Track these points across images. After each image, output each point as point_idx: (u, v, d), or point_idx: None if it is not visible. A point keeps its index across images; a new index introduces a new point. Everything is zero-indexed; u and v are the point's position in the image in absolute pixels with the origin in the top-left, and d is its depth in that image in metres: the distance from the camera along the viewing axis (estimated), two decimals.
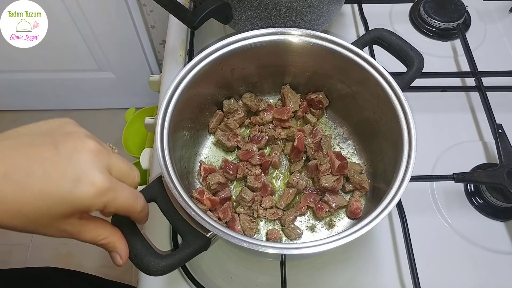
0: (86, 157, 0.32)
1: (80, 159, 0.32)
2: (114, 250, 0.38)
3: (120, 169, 0.35)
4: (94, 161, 0.32)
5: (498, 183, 0.57)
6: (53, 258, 1.41)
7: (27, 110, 1.68)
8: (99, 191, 0.32)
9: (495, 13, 0.83)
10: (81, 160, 0.32)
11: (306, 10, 0.63)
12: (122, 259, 0.38)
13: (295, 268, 0.55)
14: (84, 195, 0.31)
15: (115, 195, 0.33)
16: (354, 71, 0.54)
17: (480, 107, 0.67)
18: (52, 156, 0.31)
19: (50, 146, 0.31)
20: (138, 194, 0.37)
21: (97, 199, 0.32)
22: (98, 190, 0.32)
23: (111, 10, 1.18)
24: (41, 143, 0.32)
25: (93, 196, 0.31)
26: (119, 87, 1.54)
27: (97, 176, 0.32)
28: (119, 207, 0.34)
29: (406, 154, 0.47)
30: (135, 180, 0.37)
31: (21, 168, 0.30)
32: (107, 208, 0.33)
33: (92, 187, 0.31)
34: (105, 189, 0.32)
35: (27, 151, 0.31)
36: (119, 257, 0.38)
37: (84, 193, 0.31)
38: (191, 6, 0.79)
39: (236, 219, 0.54)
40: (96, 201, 0.32)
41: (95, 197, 0.31)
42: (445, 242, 0.58)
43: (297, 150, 0.58)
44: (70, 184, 0.31)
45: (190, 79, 0.52)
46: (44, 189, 0.30)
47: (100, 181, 0.32)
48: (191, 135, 0.59)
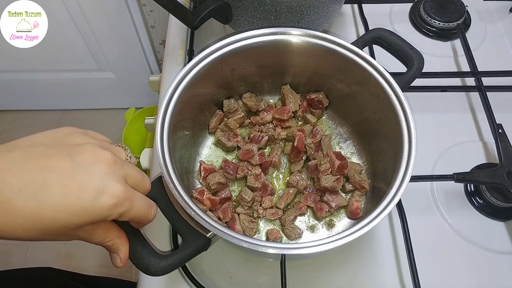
0: (104, 168, 0.32)
1: (98, 170, 0.32)
2: (116, 252, 0.38)
3: (134, 177, 0.35)
4: (111, 172, 0.32)
5: (498, 183, 0.57)
6: (53, 258, 1.41)
7: (27, 110, 1.68)
8: (119, 202, 0.32)
9: (495, 13, 0.83)
10: (99, 172, 0.32)
11: (306, 10, 0.63)
12: (122, 262, 0.38)
13: (295, 268, 0.55)
14: (105, 206, 0.31)
15: (132, 204, 0.33)
16: (354, 71, 0.54)
17: (480, 107, 0.67)
18: (68, 168, 0.31)
19: (65, 157, 0.31)
20: (152, 204, 0.38)
21: (116, 210, 0.32)
22: (118, 201, 0.32)
23: (111, 10, 1.18)
24: (54, 154, 0.31)
25: (112, 207, 0.32)
26: (119, 87, 1.54)
27: (117, 187, 0.32)
28: (134, 216, 0.35)
29: (406, 154, 0.47)
30: (147, 188, 0.38)
31: (36, 182, 0.29)
32: (122, 218, 0.34)
33: (113, 198, 0.31)
34: (124, 199, 0.32)
35: (41, 162, 0.30)
36: (119, 260, 0.38)
37: (105, 204, 0.31)
38: (191, 6, 0.79)
39: (236, 219, 0.54)
40: (114, 211, 0.32)
41: (114, 208, 0.32)
42: (445, 242, 0.58)
43: (297, 150, 0.58)
44: (91, 196, 0.31)
45: (190, 79, 0.52)
46: (63, 202, 0.30)
47: (120, 192, 0.32)
48: (191, 135, 0.59)
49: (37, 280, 0.76)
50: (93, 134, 0.37)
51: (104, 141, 0.37)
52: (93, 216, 0.31)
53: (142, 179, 0.37)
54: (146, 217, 0.36)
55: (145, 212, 0.36)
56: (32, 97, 1.60)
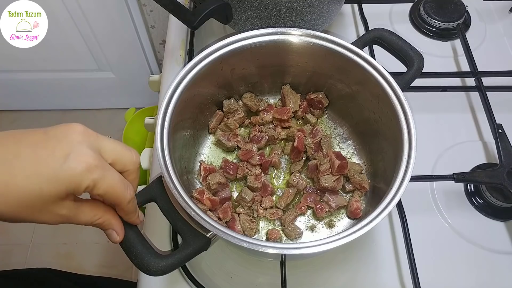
0: (75, 137, 0.33)
1: (69, 138, 0.32)
2: (111, 227, 0.38)
3: (112, 148, 0.35)
4: (83, 140, 0.33)
5: (498, 183, 0.57)
6: (53, 258, 1.41)
7: (27, 110, 1.68)
8: (88, 167, 0.32)
9: (495, 13, 0.83)
10: (70, 140, 0.32)
11: (306, 10, 0.63)
12: (119, 235, 0.38)
13: (295, 268, 0.55)
14: (74, 171, 0.31)
15: (103, 173, 0.33)
16: (354, 71, 0.54)
17: (480, 107, 0.67)
18: (40, 139, 0.32)
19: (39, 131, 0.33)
20: (128, 183, 0.36)
21: (86, 175, 0.32)
22: (87, 166, 0.32)
23: (111, 10, 1.18)
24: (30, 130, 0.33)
25: (82, 171, 0.31)
26: (119, 87, 1.54)
27: (87, 152, 0.32)
28: (108, 188, 0.33)
29: (406, 154, 0.47)
30: (133, 159, 0.37)
31: (9, 152, 0.31)
32: (96, 188, 0.33)
33: (82, 163, 0.31)
34: (94, 166, 0.32)
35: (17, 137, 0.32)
36: (116, 234, 0.38)
37: (74, 169, 0.31)
38: (191, 6, 0.79)
39: (236, 219, 0.54)
40: (85, 177, 0.32)
41: (84, 173, 0.31)
42: (445, 242, 0.58)
43: (297, 150, 0.58)
44: (60, 161, 0.31)
45: (190, 79, 0.52)
46: (34, 170, 0.30)
47: (89, 157, 0.32)
48: (191, 135, 0.59)
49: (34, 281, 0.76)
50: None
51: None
52: (64, 183, 0.31)
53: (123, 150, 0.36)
54: (123, 193, 0.35)
55: (121, 188, 0.35)
56: (32, 97, 1.60)
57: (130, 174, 0.37)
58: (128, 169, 0.36)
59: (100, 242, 1.41)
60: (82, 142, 0.33)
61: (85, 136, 0.33)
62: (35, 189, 0.30)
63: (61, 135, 0.33)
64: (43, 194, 0.31)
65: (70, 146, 0.32)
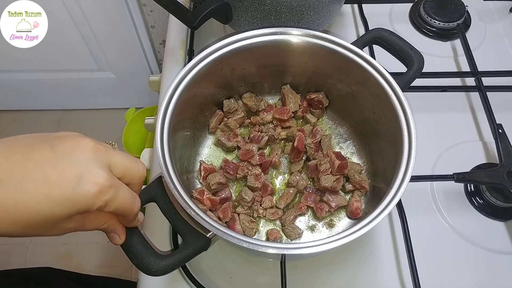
0: (85, 155, 0.31)
1: (79, 157, 0.31)
2: (113, 231, 0.38)
3: (122, 164, 0.34)
4: (94, 158, 0.32)
5: (498, 183, 0.57)
6: (53, 258, 1.41)
7: (27, 110, 1.68)
8: (102, 189, 0.31)
9: (495, 13, 0.83)
10: (80, 159, 0.31)
11: (306, 10, 0.63)
12: (121, 238, 0.38)
13: (295, 268, 0.55)
14: (87, 194, 0.30)
15: (116, 193, 0.32)
16: (354, 71, 0.54)
17: (480, 107, 0.67)
18: (49, 157, 0.30)
19: (46, 147, 0.31)
20: (135, 196, 0.37)
21: (99, 198, 0.31)
22: (101, 188, 0.31)
23: (111, 10, 1.18)
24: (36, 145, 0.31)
25: (96, 194, 0.31)
26: (119, 87, 1.54)
27: (99, 173, 0.31)
28: (118, 206, 0.33)
29: (406, 154, 0.47)
30: (141, 173, 0.36)
31: (18, 173, 0.29)
32: (107, 207, 0.33)
33: (95, 185, 0.31)
34: (107, 187, 0.31)
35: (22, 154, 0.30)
36: (118, 237, 0.38)
37: (87, 192, 0.30)
38: (191, 6, 0.79)
39: (236, 219, 0.54)
40: (98, 199, 0.31)
41: (97, 195, 0.31)
42: (445, 242, 0.58)
43: (297, 150, 0.58)
44: (72, 184, 0.30)
45: (190, 79, 0.52)
46: (45, 193, 0.29)
47: (102, 178, 0.31)
48: (191, 135, 0.59)
49: (36, 280, 0.76)
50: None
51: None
52: (78, 205, 0.30)
53: (132, 165, 0.35)
54: (131, 208, 0.35)
55: (130, 203, 0.35)
56: (32, 97, 1.60)
57: (135, 186, 0.37)
58: (134, 182, 0.36)
59: (100, 242, 1.41)
60: (92, 161, 0.31)
61: (95, 154, 0.32)
62: (46, 212, 0.29)
63: (70, 152, 0.31)
64: (55, 216, 0.30)
65: (81, 166, 0.31)
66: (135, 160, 0.36)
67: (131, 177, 0.35)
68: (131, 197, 0.35)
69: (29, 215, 0.29)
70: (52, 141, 0.31)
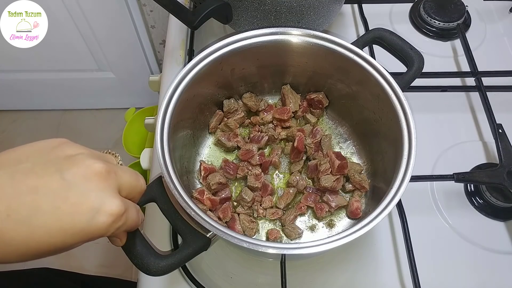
0: (98, 184, 0.30)
1: (92, 187, 0.30)
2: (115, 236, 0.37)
3: (129, 184, 0.34)
4: (106, 186, 0.31)
5: (498, 183, 0.57)
6: (53, 258, 1.39)
7: (27, 110, 1.68)
8: (115, 219, 0.31)
9: (495, 13, 0.83)
10: (93, 188, 0.30)
11: (306, 10, 0.63)
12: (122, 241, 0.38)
13: (295, 268, 0.55)
14: (102, 226, 0.30)
15: (127, 217, 0.32)
16: (354, 71, 0.54)
17: (480, 107, 0.67)
18: (59, 187, 0.28)
19: (54, 175, 0.29)
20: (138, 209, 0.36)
21: (114, 226, 0.31)
22: (115, 218, 0.30)
23: (111, 10, 1.18)
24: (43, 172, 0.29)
25: (110, 224, 0.30)
26: (119, 87, 1.54)
27: (113, 203, 0.30)
28: (128, 227, 0.34)
29: (406, 154, 0.47)
30: (142, 188, 0.36)
31: (26, 206, 0.27)
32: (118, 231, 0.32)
33: (110, 216, 0.30)
34: (120, 216, 0.31)
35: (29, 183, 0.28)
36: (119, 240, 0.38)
37: (102, 224, 0.30)
38: (191, 6, 0.79)
39: (236, 219, 0.54)
40: (111, 228, 0.31)
41: (112, 225, 0.31)
42: (445, 242, 0.58)
43: (297, 150, 0.58)
44: (87, 217, 0.29)
45: (190, 79, 0.52)
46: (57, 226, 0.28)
47: (117, 209, 0.30)
48: (191, 135, 0.59)
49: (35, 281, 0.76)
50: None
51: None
52: (91, 235, 0.30)
53: (136, 183, 0.35)
54: (137, 224, 0.36)
55: (137, 220, 0.35)
56: (32, 97, 1.60)
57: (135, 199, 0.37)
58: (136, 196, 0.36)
59: (100, 242, 1.40)
60: (105, 190, 0.30)
61: (107, 181, 0.31)
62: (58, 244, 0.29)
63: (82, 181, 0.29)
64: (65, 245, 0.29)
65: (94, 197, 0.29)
66: (137, 176, 0.36)
67: (134, 194, 0.35)
68: (137, 215, 0.35)
69: (39, 247, 0.28)
70: (60, 165, 0.30)
